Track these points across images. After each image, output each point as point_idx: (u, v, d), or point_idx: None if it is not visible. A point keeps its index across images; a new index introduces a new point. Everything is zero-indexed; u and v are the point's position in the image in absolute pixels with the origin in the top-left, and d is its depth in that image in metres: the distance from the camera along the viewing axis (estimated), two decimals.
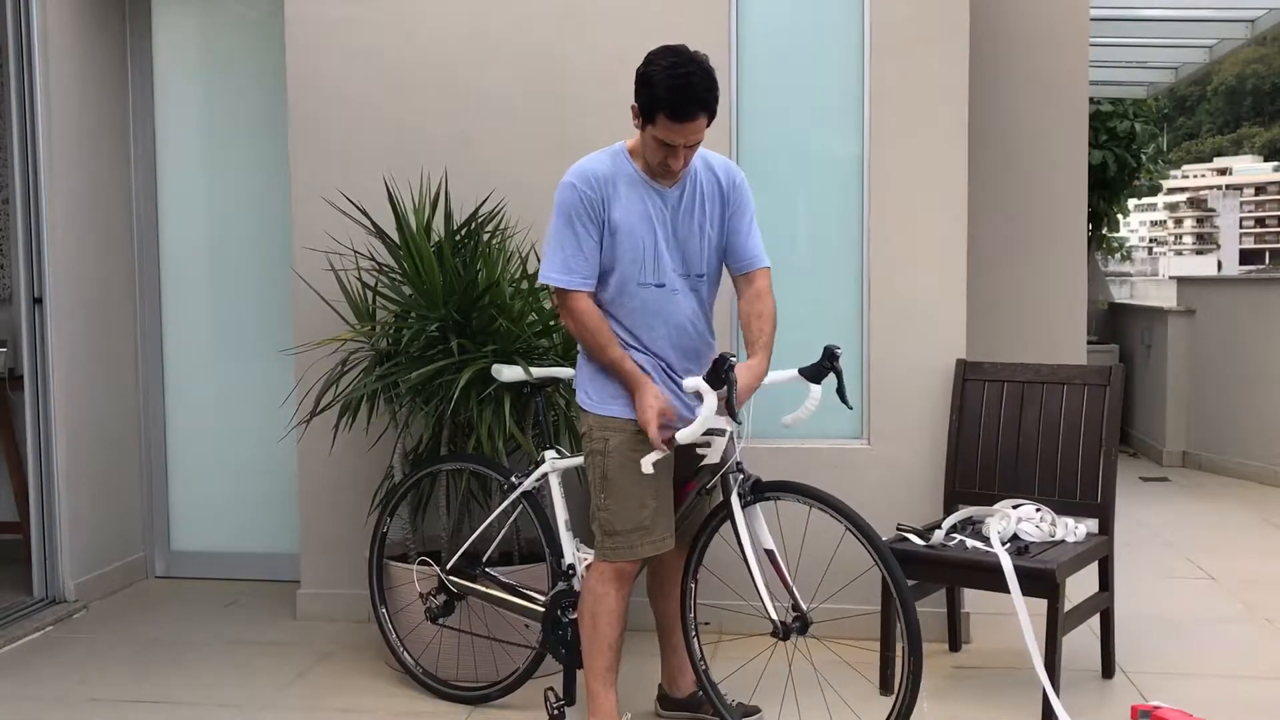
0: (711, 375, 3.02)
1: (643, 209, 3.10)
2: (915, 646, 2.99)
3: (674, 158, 3.02)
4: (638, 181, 3.11)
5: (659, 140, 2.99)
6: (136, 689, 3.88)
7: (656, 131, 2.98)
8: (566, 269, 3.09)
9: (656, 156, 3.04)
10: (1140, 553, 5.53)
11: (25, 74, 4.60)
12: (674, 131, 2.96)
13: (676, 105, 2.92)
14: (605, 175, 3.09)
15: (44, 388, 4.67)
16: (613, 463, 3.14)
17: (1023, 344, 5.21)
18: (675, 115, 2.93)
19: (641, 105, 3.00)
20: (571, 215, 3.07)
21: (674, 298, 3.17)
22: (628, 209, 3.09)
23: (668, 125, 2.95)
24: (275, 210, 4.95)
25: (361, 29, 4.43)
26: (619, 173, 3.10)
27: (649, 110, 2.97)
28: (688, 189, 3.17)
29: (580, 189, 3.07)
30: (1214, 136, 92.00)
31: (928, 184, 4.18)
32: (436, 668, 3.83)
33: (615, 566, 3.18)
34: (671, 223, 3.15)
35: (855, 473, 4.15)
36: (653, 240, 3.12)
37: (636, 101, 3.01)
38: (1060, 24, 5.30)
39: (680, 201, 3.15)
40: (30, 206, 4.63)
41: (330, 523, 4.53)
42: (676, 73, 2.93)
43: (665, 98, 2.93)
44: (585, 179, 3.08)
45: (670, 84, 2.93)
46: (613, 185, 3.08)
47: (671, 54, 2.99)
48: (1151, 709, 3.33)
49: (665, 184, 3.13)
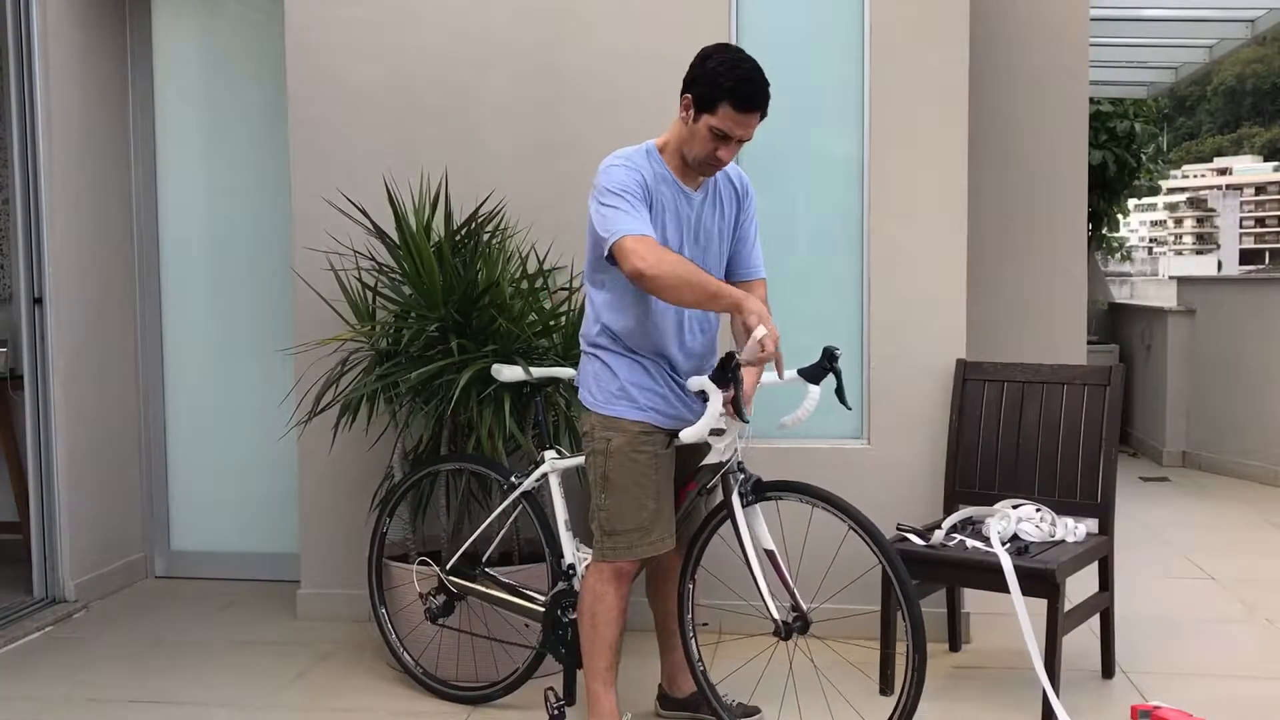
0: (717, 374, 3.02)
1: (674, 208, 3.12)
2: (920, 645, 2.99)
3: (726, 149, 3.03)
4: (670, 181, 3.11)
5: (714, 130, 2.99)
6: (136, 689, 3.88)
7: (715, 120, 2.98)
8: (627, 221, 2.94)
9: (706, 148, 3.03)
10: (1140, 553, 5.53)
11: (25, 73, 4.60)
12: (736, 122, 2.98)
13: (743, 95, 2.96)
14: (646, 168, 3.08)
15: (44, 388, 4.67)
16: (614, 463, 3.13)
17: (1023, 344, 5.21)
18: (741, 105, 2.96)
19: (700, 94, 2.99)
20: (625, 187, 3.00)
21: None
22: (663, 205, 3.09)
23: (731, 114, 2.97)
24: (275, 210, 4.95)
25: (361, 29, 4.43)
26: (654, 169, 3.10)
27: (710, 99, 2.97)
28: (710, 193, 3.19)
29: (631, 167, 3.05)
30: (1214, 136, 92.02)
31: (928, 184, 4.18)
32: (436, 668, 3.83)
33: (614, 566, 3.18)
34: (694, 225, 3.15)
35: (855, 473, 4.15)
36: (678, 241, 3.12)
37: (690, 91, 3.01)
38: (1060, 24, 5.29)
39: (703, 205, 3.17)
40: (30, 206, 4.63)
41: (330, 523, 4.53)
42: (742, 65, 2.99)
43: (731, 87, 2.95)
44: (633, 163, 3.07)
45: (737, 75, 2.97)
46: (653, 177, 3.08)
47: (731, 49, 3.06)
48: (1151, 709, 3.33)
49: (692, 185, 3.14)
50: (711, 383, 3.02)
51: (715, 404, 3.02)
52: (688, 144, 3.07)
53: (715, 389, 3.01)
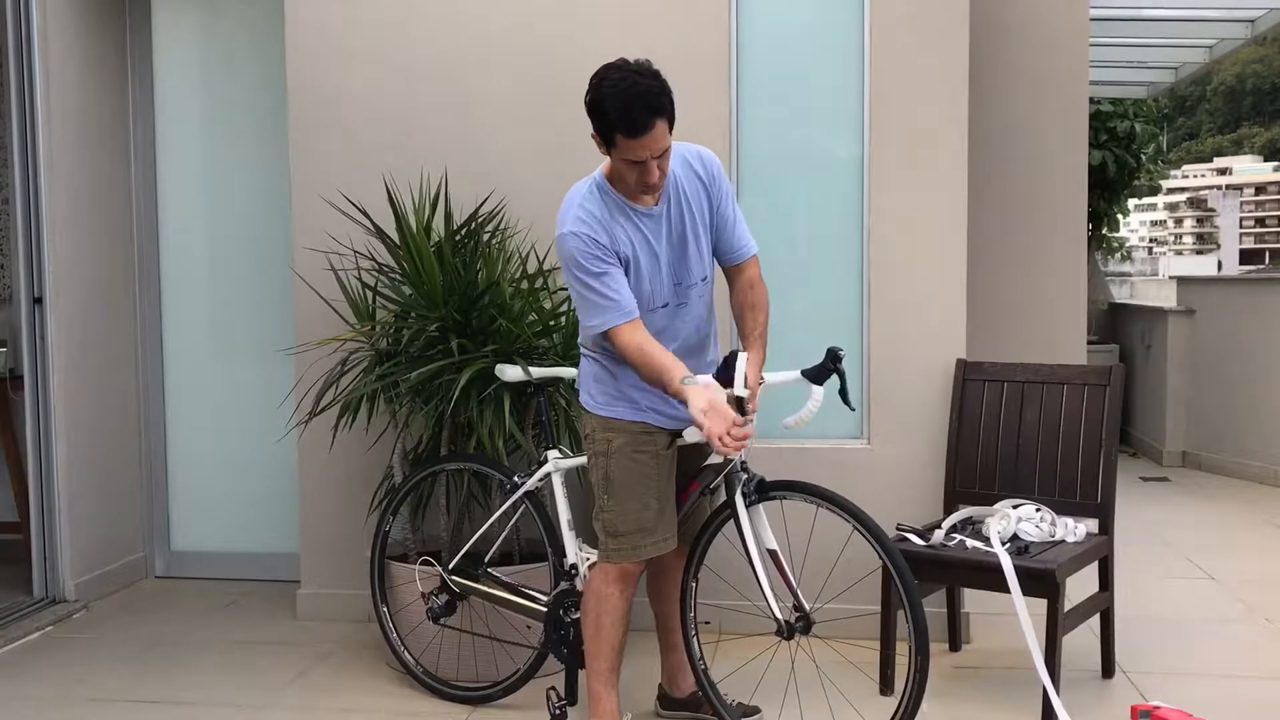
0: (721, 374, 3.02)
1: (641, 237, 3.05)
2: (923, 646, 2.98)
3: (648, 173, 2.92)
4: (624, 208, 3.04)
5: (627, 161, 2.91)
6: (136, 689, 3.88)
7: (621, 153, 2.90)
8: (608, 310, 2.96)
9: (632, 176, 2.94)
10: (1140, 553, 5.53)
11: (25, 73, 4.60)
12: (636, 147, 2.87)
13: (629, 121, 2.83)
14: (600, 213, 3.00)
15: (44, 388, 4.67)
16: (616, 464, 3.13)
17: (1023, 344, 5.21)
18: (631, 131, 2.84)
19: (599, 131, 2.92)
20: (582, 263, 2.96)
21: (680, 311, 3.16)
22: (631, 241, 3.03)
23: (628, 143, 2.86)
24: (275, 210, 4.95)
25: (361, 29, 4.43)
26: (609, 205, 3.02)
27: (607, 134, 2.89)
28: (672, 201, 3.09)
29: (582, 234, 2.97)
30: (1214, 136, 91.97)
31: (928, 184, 4.18)
32: (437, 668, 3.83)
33: (619, 567, 3.17)
34: (665, 242, 3.09)
35: (855, 473, 4.14)
36: (655, 265, 3.08)
37: (594, 130, 2.94)
38: (1060, 24, 5.29)
39: (668, 218, 3.09)
40: (30, 206, 4.63)
41: (330, 523, 4.53)
42: (621, 88, 2.84)
43: (617, 117, 2.84)
44: (583, 223, 2.98)
45: (618, 101, 2.83)
46: (610, 219, 3.01)
47: (613, 70, 2.91)
48: (1151, 709, 3.33)
49: (649, 204, 3.06)
50: (716, 382, 3.02)
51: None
52: (618, 177, 3.00)
53: (719, 388, 3.01)
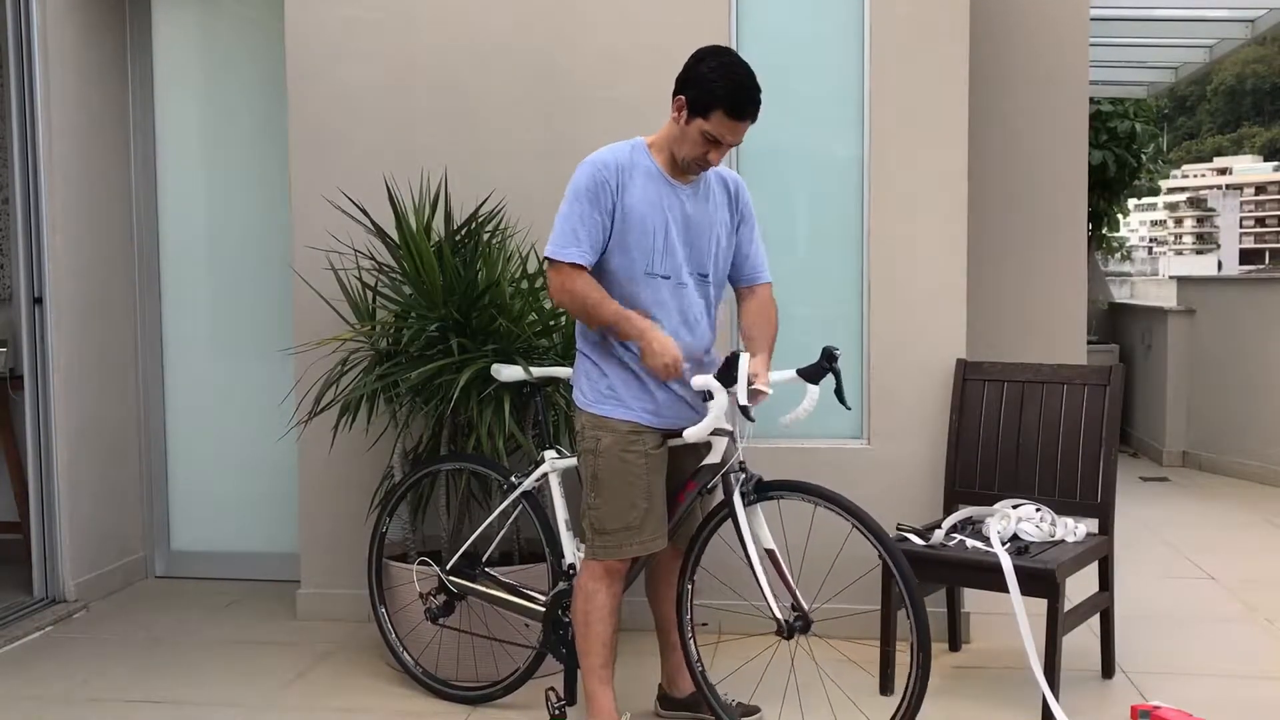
0: (723, 373, 3.02)
1: (656, 198, 3.12)
2: (924, 645, 2.99)
3: (716, 152, 3.06)
4: (655, 175, 3.13)
5: (706, 134, 3.02)
6: (137, 689, 3.88)
7: (708, 126, 3.01)
8: (565, 242, 3.08)
9: (697, 150, 3.06)
10: (1140, 553, 5.53)
11: (25, 74, 4.60)
12: (728, 128, 3.01)
13: (736, 103, 2.99)
14: (623, 163, 3.11)
15: (44, 388, 4.67)
16: (604, 462, 3.14)
17: (1023, 344, 5.21)
18: (734, 112, 2.99)
19: (693, 98, 3.02)
20: (581, 193, 3.08)
21: (683, 291, 3.17)
22: (642, 196, 3.10)
23: (724, 121, 3.00)
24: (275, 210, 4.95)
25: (361, 29, 4.43)
26: (637, 164, 3.12)
27: (704, 104, 3.00)
28: (701, 187, 3.20)
29: (595, 170, 3.09)
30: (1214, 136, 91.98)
31: (928, 184, 4.18)
32: (436, 668, 3.83)
33: (604, 564, 3.18)
34: (683, 217, 3.16)
35: (855, 472, 4.14)
36: (664, 230, 3.12)
37: (684, 93, 3.04)
38: (1060, 24, 5.29)
39: (695, 197, 3.18)
40: (30, 206, 4.63)
41: (330, 523, 4.53)
42: (737, 72, 3.01)
43: (725, 95, 2.98)
44: (602, 163, 3.10)
45: (732, 81, 3.00)
46: (629, 173, 3.10)
47: (725, 53, 3.07)
48: (1151, 709, 3.33)
49: (682, 180, 3.16)
50: (716, 381, 3.02)
51: (720, 403, 3.02)
52: (678, 144, 3.09)
53: (720, 387, 3.01)
